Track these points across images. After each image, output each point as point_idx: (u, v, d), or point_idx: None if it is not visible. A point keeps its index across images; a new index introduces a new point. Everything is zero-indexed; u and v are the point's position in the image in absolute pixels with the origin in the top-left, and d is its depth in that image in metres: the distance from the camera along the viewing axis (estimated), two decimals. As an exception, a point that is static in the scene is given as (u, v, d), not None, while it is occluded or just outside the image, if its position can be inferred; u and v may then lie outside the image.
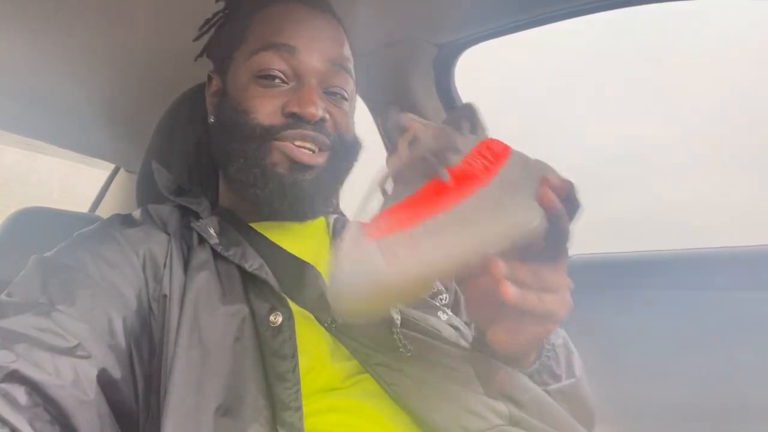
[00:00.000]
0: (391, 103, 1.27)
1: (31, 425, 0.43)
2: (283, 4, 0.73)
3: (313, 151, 0.69)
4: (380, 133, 1.32)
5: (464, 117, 0.54)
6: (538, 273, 0.48)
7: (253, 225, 0.72)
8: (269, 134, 0.67)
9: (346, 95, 0.74)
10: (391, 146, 1.28)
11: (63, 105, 1.32)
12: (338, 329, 0.59)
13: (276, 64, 0.69)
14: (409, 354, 0.57)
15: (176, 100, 0.92)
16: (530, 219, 0.44)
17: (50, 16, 0.94)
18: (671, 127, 1.75)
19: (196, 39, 0.82)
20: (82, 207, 1.93)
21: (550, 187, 0.46)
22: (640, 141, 1.80)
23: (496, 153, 0.50)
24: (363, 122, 1.06)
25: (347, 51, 0.76)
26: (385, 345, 0.58)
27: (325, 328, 0.60)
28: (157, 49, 1.09)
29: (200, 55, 0.83)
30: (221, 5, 0.81)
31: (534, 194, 0.46)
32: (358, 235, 0.41)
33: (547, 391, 0.59)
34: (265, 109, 0.68)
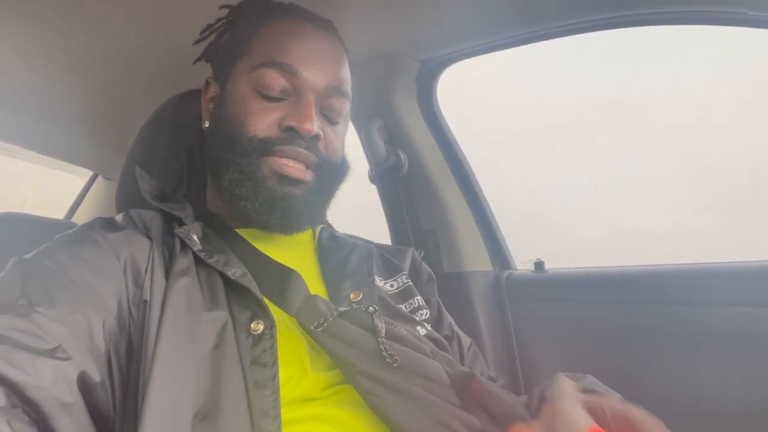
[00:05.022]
0: (374, 116, 1.28)
1: (10, 426, 0.42)
2: (289, 21, 0.74)
3: (303, 168, 0.70)
4: (363, 145, 1.33)
5: None
6: None
7: (238, 231, 0.73)
8: (264, 147, 0.68)
9: (340, 118, 0.76)
10: (373, 158, 1.29)
11: (41, 109, 1.31)
12: (324, 332, 0.60)
13: (277, 82, 0.70)
14: (396, 365, 0.57)
15: (160, 107, 0.92)
16: None
17: (29, 17, 0.93)
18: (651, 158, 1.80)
19: (196, 43, 0.83)
20: (57, 213, 1.90)
21: None
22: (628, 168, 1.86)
23: None
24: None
25: (346, 73, 0.77)
26: (370, 353, 0.59)
27: (310, 332, 0.60)
28: (140, 57, 1.09)
29: (199, 58, 0.83)
30: (224, 12, 0.83)
31: None
32: None
33: None
34: (263, 122, 0.69)
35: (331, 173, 0.74)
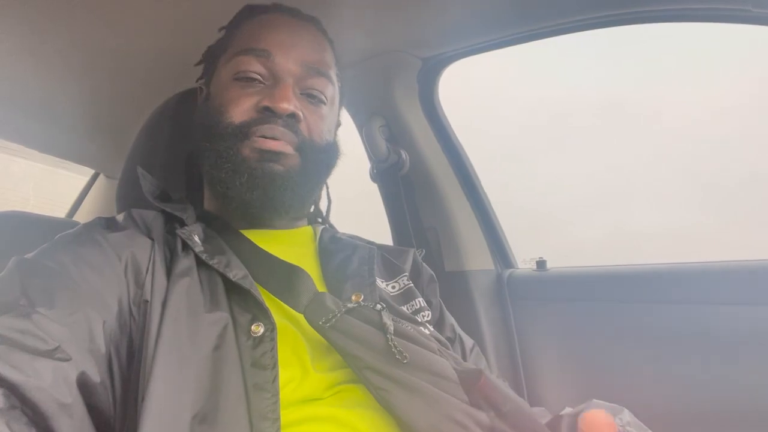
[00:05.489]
0: (375, 114, 1.28)
1: (9, 427, 0.42)
2: (266, 15, 0.77)
3: (283, 143, 0.71)
4: (363, 142, 1.33)
5: None
6: None
7: (242, 232, 0.73)
8: (241, 131, 0.70)
9: (324, 99, 0.77)
10: (374, 156, 1.29)
11: (43, 108, 1.31)
12: (332, 328, 0.59)
13: (253, 66, 0.73)
14: (405, 361, 0.57)
15: (160, 106, 0.92)
16: None
17: (32, 18, 0.93)
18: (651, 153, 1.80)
19: (198, 64, 0.84)
20: (59, 212, 1.90)
21: None
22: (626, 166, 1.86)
23: None
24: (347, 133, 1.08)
25: (327, 57, 0.79)
26: (378, 349, 0.58)
27: (317, 328, 0.60)
28: (141, 55, 1.09)
29: (200, 78, 0.85)
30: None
31: None
32: None
33: None
34: (241, 107, 0.71)
35: (316, 155, 0.75)
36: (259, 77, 0.73)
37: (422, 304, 0.78)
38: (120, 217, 0.69)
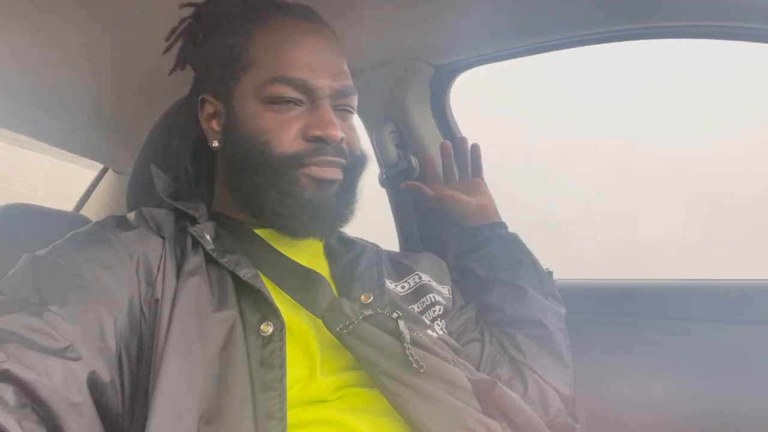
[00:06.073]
0: (386, 120, 1.28)
1: (20, 425, 0.42)
2: (283, 20, 0.72)
3: (336, 170, 0.71)
4: (373, 148, 1.33)
5: None
6: None
7: (256, 231, 0.73)
8: (296, 162, 0.68)
9: (352, 110, 0.76)
10: (384, 162, 1.29)
11: (54, 102, 1.32)
12: (350, 333, 0.60)
13: (291, 93, 0.69)
14: (422, 371, 0.58)
15: (173, 105, 0.92)
16: None
17: (45, 11, 0.94)
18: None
19: (165, 52, 0.81)
20: (67, 206, 1.91)
21: None
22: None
23: None
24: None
25: (345, 64, 0.76)
26: (395, 356, 0.59)
27: (335, 334, 0.60)
28: (153, 51, 1.09)
29: (175, 68, 0.82)
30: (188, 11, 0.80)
31: None
32: None
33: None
34: (286, 136, 0.68)
35: (356, 167, 0.75)
36: (295, 101, 0.69)
37: (433, 300, 0.78)
38: (131, 216, 0.69)
